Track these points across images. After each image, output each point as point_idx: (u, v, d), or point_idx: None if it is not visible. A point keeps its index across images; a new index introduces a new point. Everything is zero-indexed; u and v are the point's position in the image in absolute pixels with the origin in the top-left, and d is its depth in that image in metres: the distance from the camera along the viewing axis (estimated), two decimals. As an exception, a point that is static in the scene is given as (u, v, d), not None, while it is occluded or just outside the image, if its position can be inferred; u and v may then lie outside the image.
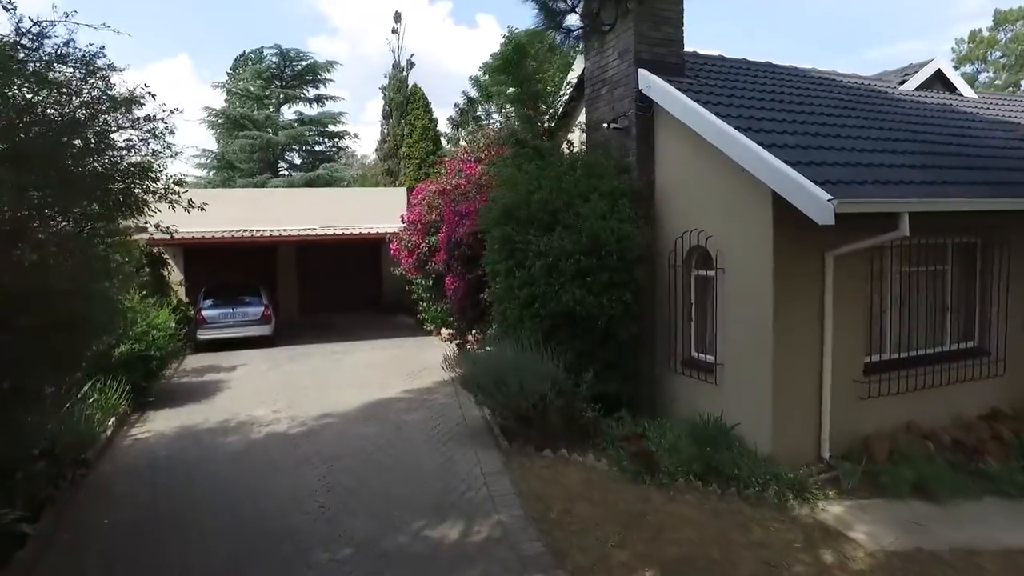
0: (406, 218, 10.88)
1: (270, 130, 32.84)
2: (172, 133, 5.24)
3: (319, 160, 34.80)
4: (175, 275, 18.13)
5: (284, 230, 16.23)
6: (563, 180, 8.06)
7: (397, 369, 11.96)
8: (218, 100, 36.21)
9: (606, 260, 7.62)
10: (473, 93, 41.49)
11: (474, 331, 11.41)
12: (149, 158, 5.32)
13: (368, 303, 21.09)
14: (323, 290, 20.84)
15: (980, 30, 39.41)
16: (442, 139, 32.00)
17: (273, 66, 35.02)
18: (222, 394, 10.28)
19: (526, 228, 7.94)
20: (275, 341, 15.06)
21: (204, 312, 14.47)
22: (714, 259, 7.29)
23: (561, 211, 7.81)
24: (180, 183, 5.85)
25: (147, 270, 12.28)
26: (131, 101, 4.80)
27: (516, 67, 9.14)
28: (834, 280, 6.83)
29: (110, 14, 57.82)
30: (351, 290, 21.16)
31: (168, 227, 6.39)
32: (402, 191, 21.70)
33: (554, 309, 7.65)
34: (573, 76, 10.32)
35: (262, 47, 35.27)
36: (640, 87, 8.12)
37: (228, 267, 18.69)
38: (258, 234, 15.78)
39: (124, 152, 4.93)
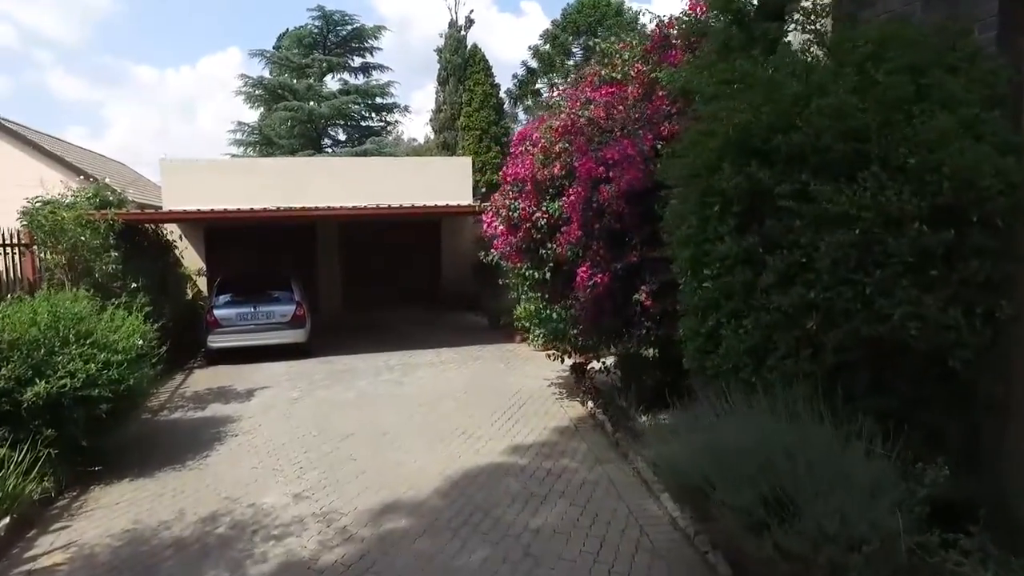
0: (507, 174, 6.98)
1: (312, 101, 29.36)
2: None
3: (366, 135, 31.22)
4: (194, 262, 14.75)
5: (326, 206, 12.38)
6: (866, 76, 4.02)
7: (485, 400, 8.13)
8: (256, 72, 33.04)
9: (972, 234, 3.65)
10: (533, 64, 37.78)
11: (608, 349, 7.50)
12: None
13: (424, 297, 17.32)
14: (370, 281, 17.14)
15: None
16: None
17: (315, 31, 31.50)
18: (222, 448, 6.59)
19: (792, 171, 3.96)
20: (310, 350, 11.38)
21: (217, 312, 10.82)
22: None
23: (880, 132, 3.80)
24: None
25: (113, 255, 8.58)
26: None
27: None
28: None
29: (159, 9, 55.71)
30: (403, 281, 17.41)
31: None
32: (466, 161, 17.83)
33: (861, 332, 3.70)
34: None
35: (307, 23, 31.64)
36: None
37: (259, 253, 15.21)
38: (285, 208, 12.00)
39: None
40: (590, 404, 7.80)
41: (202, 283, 14.67)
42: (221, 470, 5.92)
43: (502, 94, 28.64)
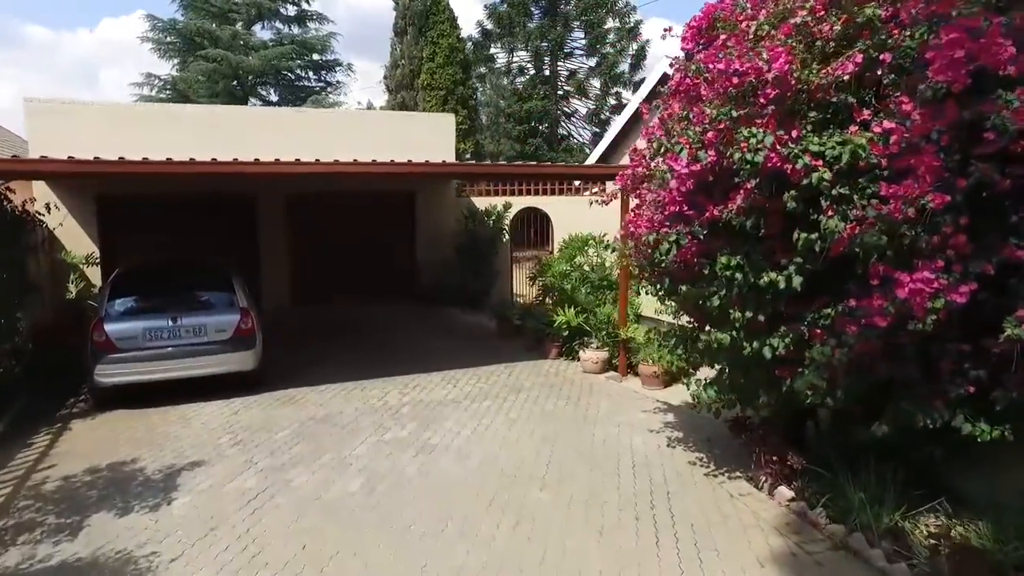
0: (718, 72, 3.35)
1: (239, 53, 24.60)
2: None
3: (303, 96, 26.70)
4: (80, 244, 10.49)
5: (272, 160, 7.89)
6: None
7: (592, 486, 4.65)
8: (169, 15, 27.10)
9: None
10: (489, 26, 33.93)
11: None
12: None
13: (395, 288, 13.46)
14: (326, 268, 13.18)
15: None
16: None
17: (240, -31, 26.55)
18: None
19: None
20: (260, 379, 7.53)
21: (110, 327, 6.66)
22: None
23: None
24: None
25: None
26: None
27: None
28: None
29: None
30: (369, 269, 13.50)
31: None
32: (449, 119, 14.06)
33: None
34: None
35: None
36: None
37: (179, 235, 11.05)
38: (208, 162, 7.37)
39: None
40: (785, 493, 4.51)
41: (94, 274, 10.48)
42: None
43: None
